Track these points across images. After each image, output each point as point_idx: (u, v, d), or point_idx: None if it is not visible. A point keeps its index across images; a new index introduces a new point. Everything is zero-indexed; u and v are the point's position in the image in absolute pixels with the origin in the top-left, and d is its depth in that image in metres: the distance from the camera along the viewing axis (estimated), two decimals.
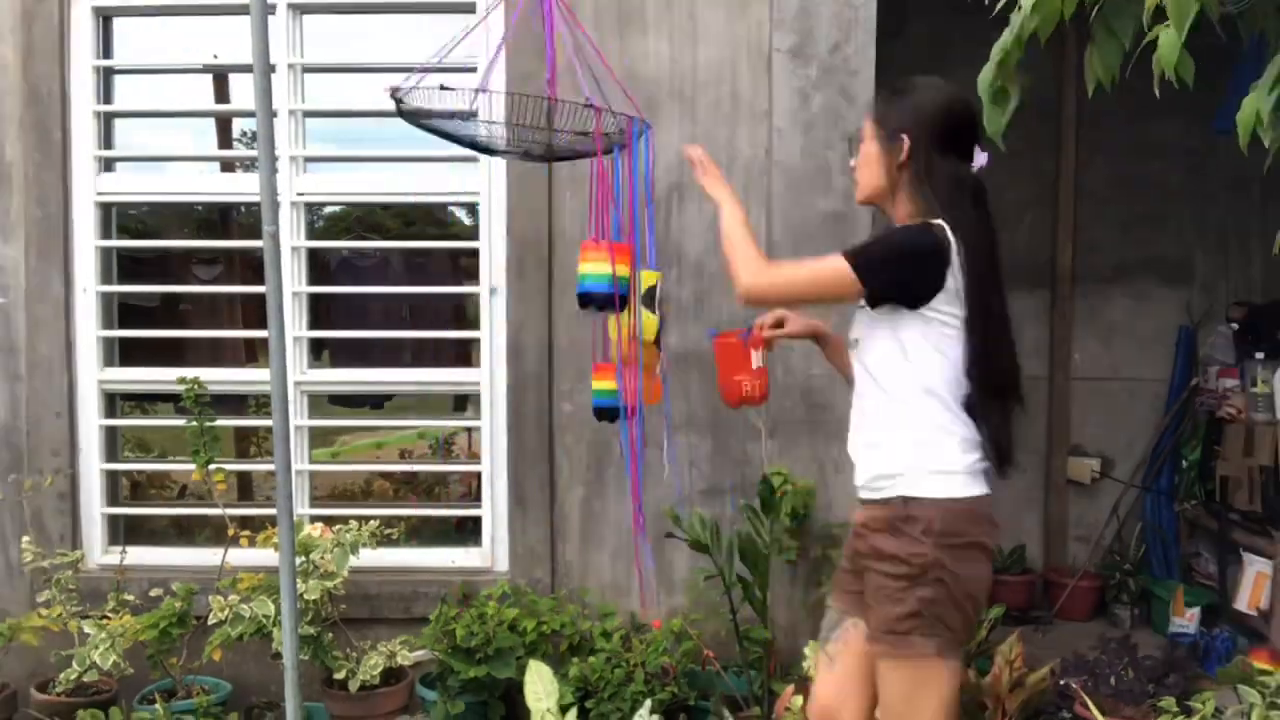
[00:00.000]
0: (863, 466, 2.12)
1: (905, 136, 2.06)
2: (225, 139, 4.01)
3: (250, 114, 2.58)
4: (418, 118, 2.59)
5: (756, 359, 2.44)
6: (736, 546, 3.13)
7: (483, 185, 3.41)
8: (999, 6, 2.30)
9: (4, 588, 3.48)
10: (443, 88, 2.47)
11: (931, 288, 2.00)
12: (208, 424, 3.37)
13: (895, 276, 2.02)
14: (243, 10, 2.45)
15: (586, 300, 2.64)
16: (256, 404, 3.94)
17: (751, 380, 2.46)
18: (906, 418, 2.05)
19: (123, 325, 3.63)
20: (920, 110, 2.08)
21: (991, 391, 2.04)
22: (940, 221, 2.03)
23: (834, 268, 2.03)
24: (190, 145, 3.91)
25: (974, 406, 2.04)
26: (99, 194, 3.49)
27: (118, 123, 3.61)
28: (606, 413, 2.73)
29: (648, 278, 2.72)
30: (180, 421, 3.40)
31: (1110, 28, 2.17)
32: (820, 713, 2.23)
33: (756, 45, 3.36)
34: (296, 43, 3.47)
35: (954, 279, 2.01)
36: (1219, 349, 4.65)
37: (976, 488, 2.04)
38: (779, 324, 2.38)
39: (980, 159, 2.10)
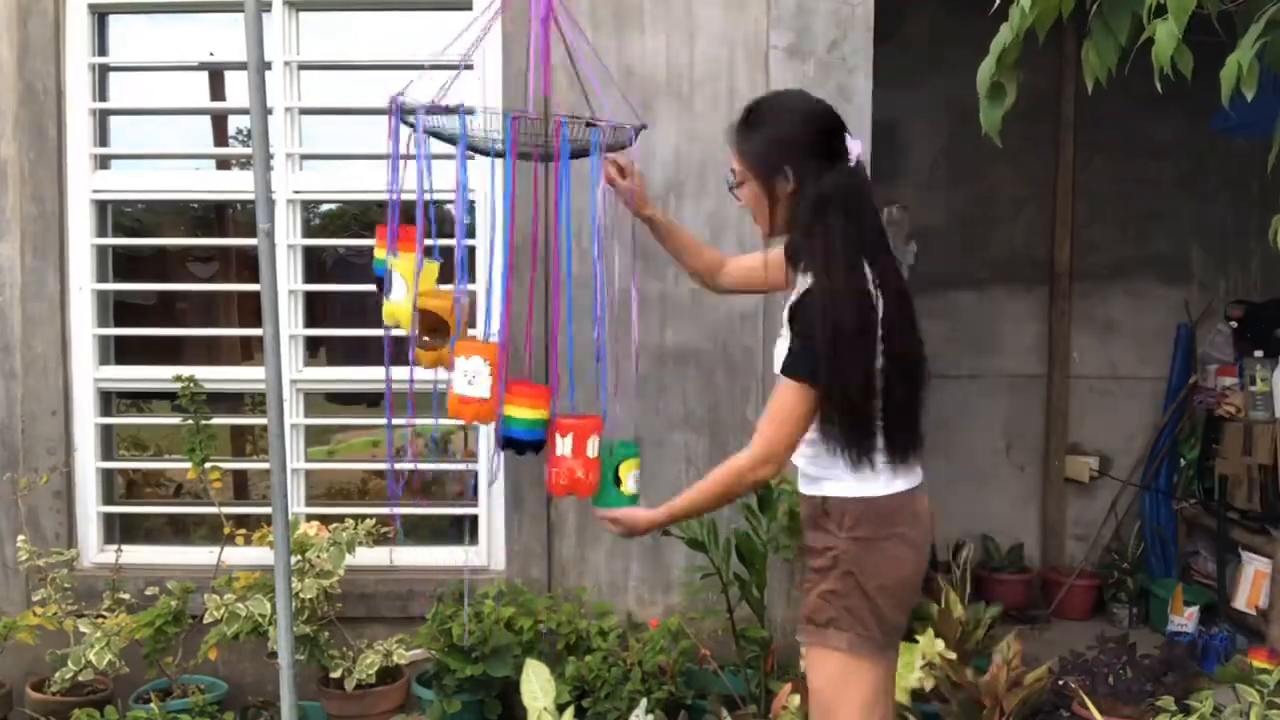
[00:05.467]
0: (798, 465, 2.18)
1: (788, 169, 2.04)
2: (221, 136, 3.99)
3: (246, 111, 2.57)
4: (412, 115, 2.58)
5: (561, 446, 2.37)
6: (734, 545, 3.12)
7: (480, 184, 3.40)
8: (996, 4, 2.30)
9: None
10: (448, 110, 2.45)
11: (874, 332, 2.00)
12: (203, 422, 3.36)
13: (845, 358, 1.98)
14: (238, 7, 2.44)
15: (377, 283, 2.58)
16: (252, 402, 3.93)
17: (551, 467, 2.41)
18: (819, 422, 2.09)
19: (118, 323, 3.62)
20: (785, 137, 2.06)
21: (844, 393, 2.01)
22: (841, 264, 1.99)
23: (794, 398, 2.02)
24: (186, 143, 3.89)
25: (838, 410, 2.02)
26: (94, 191, 3.48)
27: (113, 120, 3.60)
28: (523, 445, 2.50)
29: (390, 263, 2.57)
30: (176, 420, 3.39)
31: (1108, 24, 2.16)
32: None
33: (754, 43, 3.36)
34: (292, 40, 3.46)
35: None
36: (1218, 347, 4.65)
37: (900, 484, 2.07)
38: (621, 171, 2.49)
39: (855, 148, 2.06)
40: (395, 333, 2.63)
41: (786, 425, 2.05)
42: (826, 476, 2.10)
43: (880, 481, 2.06)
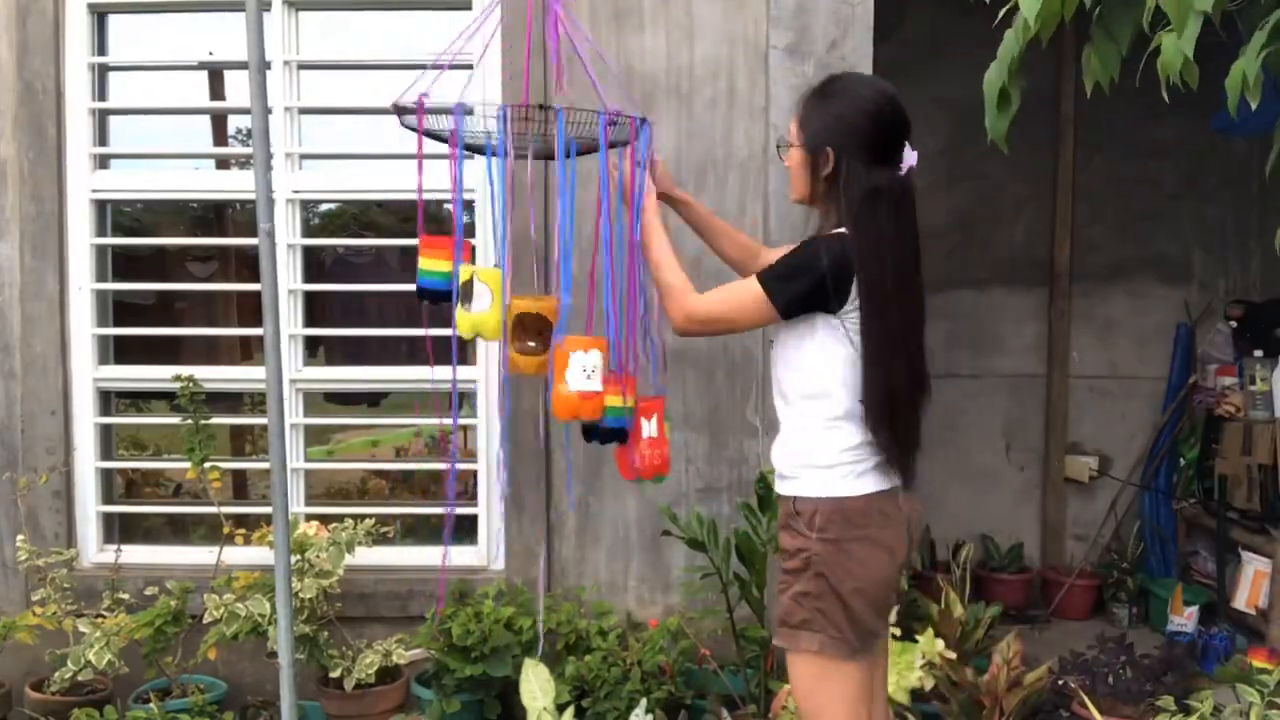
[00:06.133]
0: (775, 465, 2.19)
1: (830, 150, 2.06)
2: (221, 136, 3.99)
3: (246, 111, 2.56)
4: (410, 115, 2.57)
5: (649, 428, 2.39)
6: (733, 545, 3.12)
7: (480, 183, 3.40)
8: (1003, 12, 2.29)
9: None
10: (448, 112, 2.43)
11: (839, 299, 2.02)
12: (203, 422, 3.36)
13: (800, 290, 2.03)
14: (238, 7, 2.44)
15: (422, 294, 2.52)
16: (252, 402, 3.93)
17: (642, 451, 2.43)
18: (796, 420, 2.13)
19: (118, 323, 3.62)
20: (844, 121, 2.06)
21: (885, 396, 2.04)
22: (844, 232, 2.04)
23: (749, 290, 2.08)
24: (185, 143, 3.89)
25: (870, 409, 2.05)
26: (94, 191, 3.48)
27: (113, 120, 3.60)
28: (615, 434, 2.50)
29: (467, 272, 2.51)
30: (175, 419, 3.39)
31: (1109, 30, 2.17)
32: None
33: (753, 42, 3.35)
34: (292, 39, 3.46)
35: (856, 288, 2.03)
36: (1217, 347, 4.65)
37: (870, 484, 2.07)
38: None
39: (910, 159, 2.08)
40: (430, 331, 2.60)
41: (723, 304, 2.14)
42: (797, 475, 2.11)
43: (849, 482, 2.06)
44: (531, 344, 2.46)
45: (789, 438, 2.15)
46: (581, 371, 2.33)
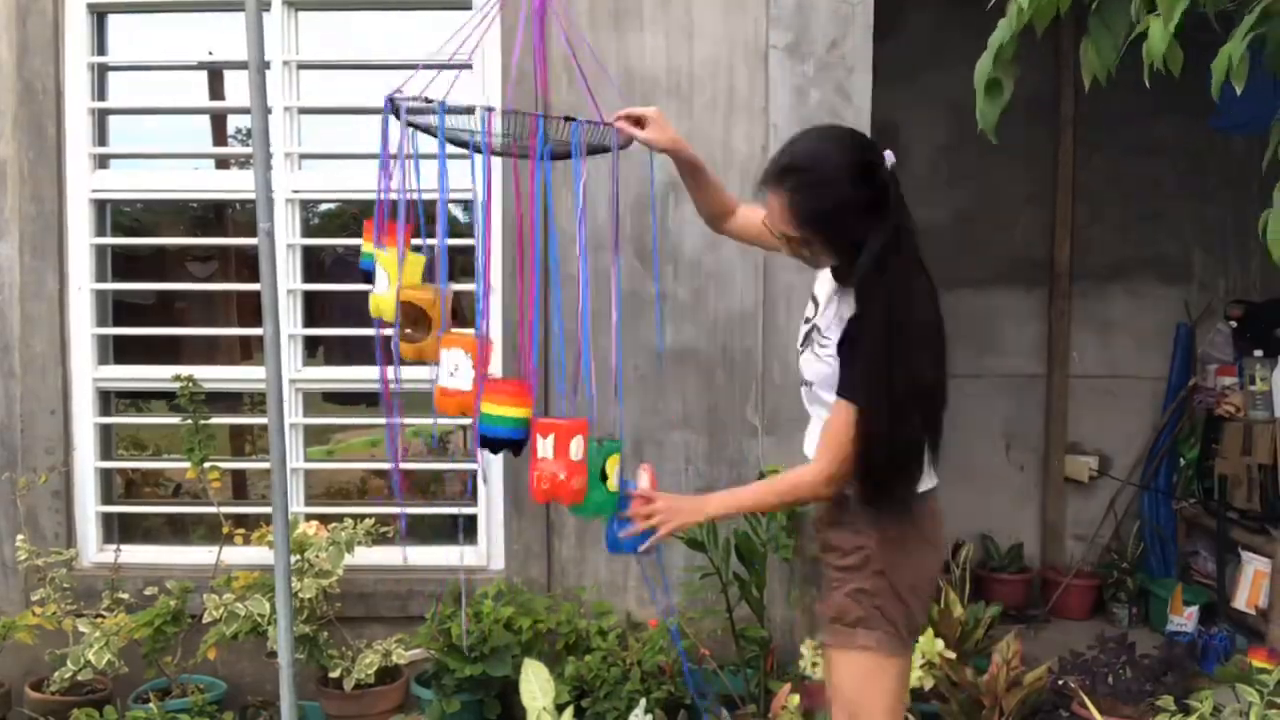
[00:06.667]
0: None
1: (829, 221, 1.97)
2: (220, 136, 3.99)
3: (245, 111, 2.57)
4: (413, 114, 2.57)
5: (542, 448, 2.19)
6: (733, 544, 3.12)
7: (470, 181, 3.39)
8: (993, 1, 2.29)
9: None
10: (449, 110, 2.43)
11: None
12: (202, 422, 3.36)
13: (864, 370, 1.97)
14: (237, 7, 2.44)
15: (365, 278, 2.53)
16: (251, 402, 3.93)
17: (534, 469, 2.21)
18: None
19: (117, 322, 3.62)
20: (825, 194, 1.95)
21: (905, 398, 1.97)
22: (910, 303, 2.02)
23: (841, 418, 1.99)
24: (185, 142, 3.89)
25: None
26: (93, 191, 3.48)
27: (112, 120, 3.60)
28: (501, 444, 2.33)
29: (377, 255, 2.51)
30: (175, 419, 3.39)
31: (1106, 21, 2.16)
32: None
33: (753, 42, 3.35)
34: (291, 39, 3.46)
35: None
36: (1217, 347, 4.65)
37: (927, 482, 2.06)
38: (638, 122, 2.29)
39: (889, 158, 1.99)
40: (384, 331, 2.60)
41: (844, 449, 2.00)
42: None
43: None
44: (408, 331, 2.47)
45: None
46: (446, 368, 2.30)
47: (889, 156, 1.99)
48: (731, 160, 3.35)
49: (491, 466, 3.46)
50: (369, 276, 2.52)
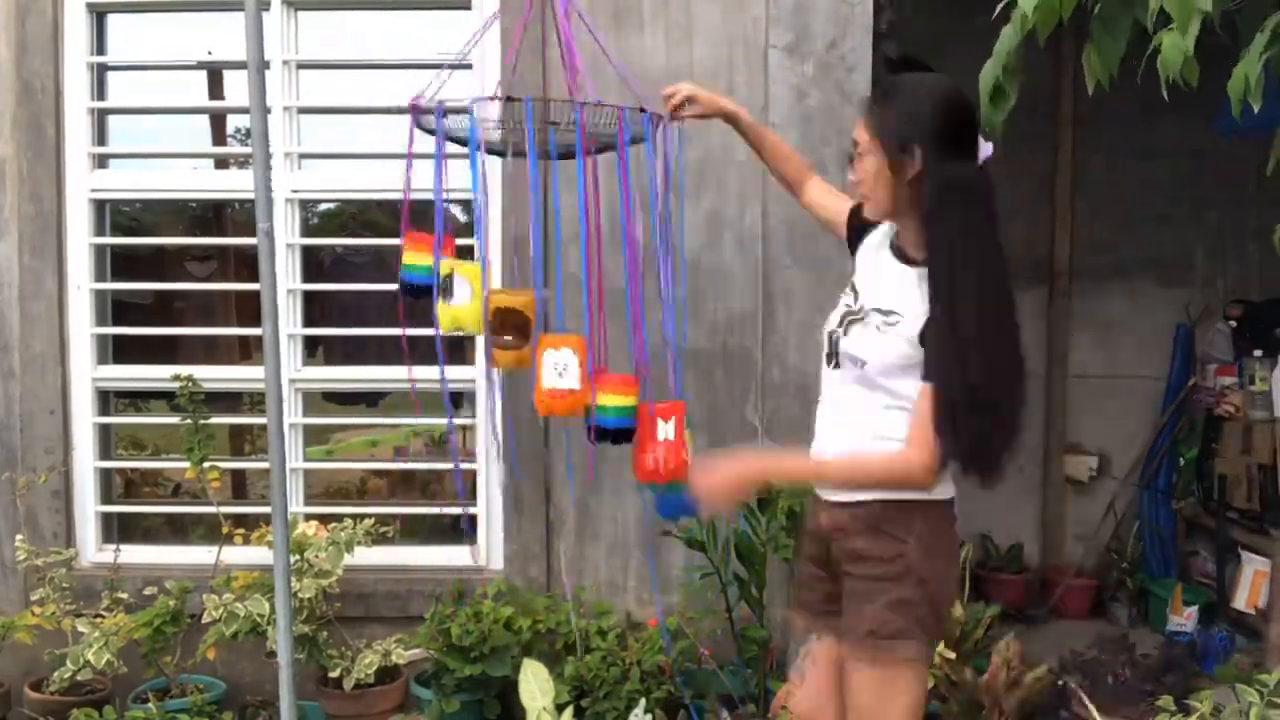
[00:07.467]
0: None
1: (916, 149, 1.90)
2: (220, 135, 3.99)
3: (245, 110, 2.56)
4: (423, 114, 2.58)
5: (664, 430, 2.34)
6: (733, 544, 3.12)
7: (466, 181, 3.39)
8: (999, 9, 2.29)
9: None
10: (467, 110, 2.45)
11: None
12: (202, 422, 3.36)
13: (974, 362, 1.87)
14: (237, 6, 2.43)
15: (406, 290, 2.55)
16: (251, 401, 3.93)
17: (656, 453, 2.39)
18: (891, 424, 1.95)
19: (116, 322, 3.62)
20: (922, 116, 1.91)
21: (957, 400, 1.87)
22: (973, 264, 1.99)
23: (928, 401, 1.90)
24: (184, 142, 3.89)
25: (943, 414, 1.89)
26: (93, 190, 3.48)
27: (111, 119, 3.60)
28: (616, 434, 2.44)
29: (448, 266, 2.53)
30: (174, 419, 3.39)
31: (1107, 26, 2.16)
32: None
33: (753, 42, 3.35)
34: (291, 39, 3.46)
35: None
36: (1217, 347, 4.64)
37: (951, 489, 1.99)
38: (685, 102, 2.42)
39: (985, 150, 1.99)
40: (453, 333, 2.57)
41: (930, 425, 1.88)
42: None
43: (946, 485, 1.96)
44: (508, 338, 2.47)
45: (880, 445, 1.96)
46: (553, 369, 2.32)
47: (986, 147, 1.98)
48: (731, 160, 3.34)
49: (492, 467, 3.46)
50: (413, 290, 2.51)
